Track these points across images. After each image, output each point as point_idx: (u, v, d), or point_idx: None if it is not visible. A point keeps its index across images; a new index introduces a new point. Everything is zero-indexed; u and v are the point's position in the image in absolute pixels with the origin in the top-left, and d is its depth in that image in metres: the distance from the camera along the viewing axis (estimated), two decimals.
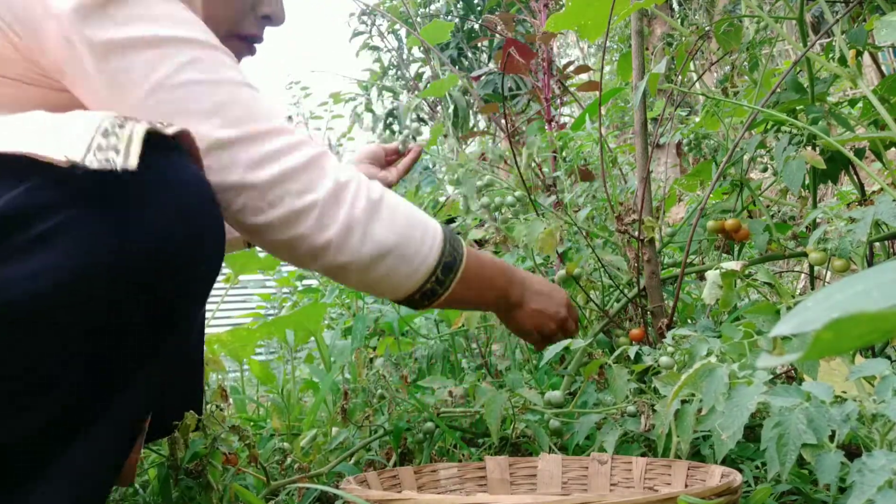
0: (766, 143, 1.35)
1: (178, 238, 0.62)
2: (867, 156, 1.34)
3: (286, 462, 1.14)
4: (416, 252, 0.83)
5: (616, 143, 2.53)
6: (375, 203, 0.79)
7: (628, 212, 1.29)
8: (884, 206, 0.95)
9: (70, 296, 0.57)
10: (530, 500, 0.86)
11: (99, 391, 0.62)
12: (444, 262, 0.85)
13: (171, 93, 0.70)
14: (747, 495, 0.85)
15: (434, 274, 0.85)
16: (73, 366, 0.59)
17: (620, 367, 1.03)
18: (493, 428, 1.03)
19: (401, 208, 0.82)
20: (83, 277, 0.57)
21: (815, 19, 3.22)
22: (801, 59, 1.18)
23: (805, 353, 0.25)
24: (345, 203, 0.77)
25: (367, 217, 0.78)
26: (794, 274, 2.24)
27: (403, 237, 0.81)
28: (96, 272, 0.58)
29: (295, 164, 0.74)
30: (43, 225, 0.56)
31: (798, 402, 0.66)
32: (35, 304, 0.56)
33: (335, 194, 0.76)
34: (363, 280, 0.82)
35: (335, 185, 0.76)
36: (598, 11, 1.39)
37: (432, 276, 0.85)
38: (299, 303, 2.36)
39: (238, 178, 0.73)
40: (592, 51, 5.99)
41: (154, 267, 0.61)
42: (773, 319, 0.95)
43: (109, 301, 0.59)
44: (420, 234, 0.83)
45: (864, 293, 0.24)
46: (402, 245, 0.81)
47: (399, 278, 0.83)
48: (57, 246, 0.56)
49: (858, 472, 0.56)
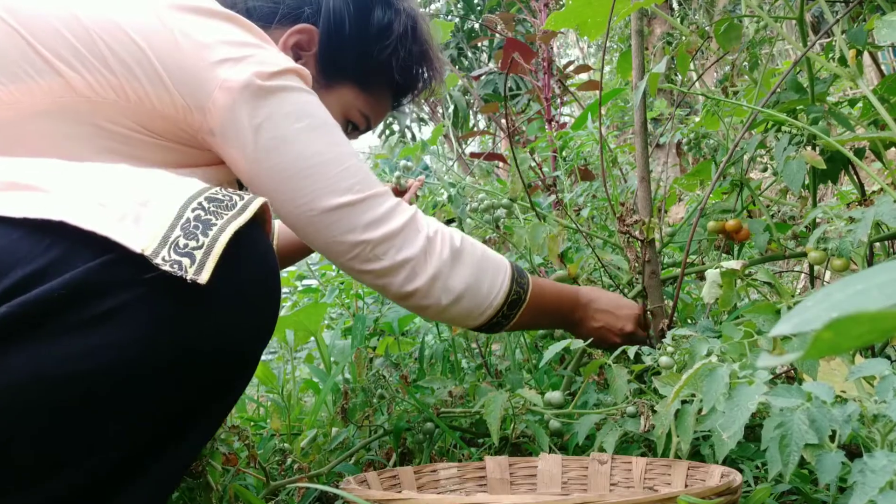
0: (766, 143, 1.35)
1: (237, 340, 0.67)
2: (867, 156, 1.34)
3: (286, 462, 1.14)
4: (487, 294, 0.99)
5: (616, 142, 2.53)
6: (457, 252, 0.95)
7: (630, 212, 1.29)
8: (884, 206, 0.94)
9: (125, 372, 0.60)
10: (530, 500, 0.86)
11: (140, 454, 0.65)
12: (510, 299, 1.02)
13: (308, 161, 0.85)
14: (747, 495, 0.85)
15: (501, 310, 1.02)
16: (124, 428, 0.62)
17: (620, 367, 1.03)
18: (493, 428, 1.03)
19: (476, 255, 0.98)
20: (140, 360, 0.60)
21: (815, 19, 3.22)
22: (801, 59, 1.18)
23: (805, 353, 0.25)
24: (433, 257, 0.93)
25: (449, 268, 0.94)
26: (794, 274, 2.24)
27: (476, 281, 0.97)
28: (153, 357, 0.61)
29: (399, 225, 0.90)
30: (111, 301, 0.59)
31: (799, 402, 0.66)
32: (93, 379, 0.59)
33: (426, 250, 0.92)
34: (439, 316, 0.99)
35: (427, 241, 0.92)
36: (598, 10, 1.39)
37: (499, 311, 1.02)
38: (299, 303, 2.36)
39: (357, 236, 0.88)
40: (592, 50, 5.98)
41: (209, 362, 0.65)
42: (773, 319, 0.95)
43: (164, 381, 0.63)
44: (490, 277, 0.99)
45: (864, 293, 0.24)
46: (473, 289, 0.97)
47: (471, 316, 1.00)
48: (121, 325, 0.59)
49: (860, 473, 0.56)
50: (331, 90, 1.02)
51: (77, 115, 0.77)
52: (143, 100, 0.79)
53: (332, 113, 0.96)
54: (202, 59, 0.80)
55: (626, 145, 2.22)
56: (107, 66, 0.77)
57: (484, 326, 1.03)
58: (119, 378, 0.60)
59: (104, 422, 0.61)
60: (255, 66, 0.82)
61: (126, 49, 0.77)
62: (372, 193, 0.89)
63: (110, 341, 0.59)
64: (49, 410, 0.58)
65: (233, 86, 0.80)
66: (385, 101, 1.09)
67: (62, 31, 0.76)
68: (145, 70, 0.78)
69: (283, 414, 1.42)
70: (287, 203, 0.86)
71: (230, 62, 0.81)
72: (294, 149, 0.84)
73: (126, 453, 0.63)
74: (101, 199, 0.61)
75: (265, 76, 0.82)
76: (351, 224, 0.88)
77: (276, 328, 1.74)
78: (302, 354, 2.09)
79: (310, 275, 2.36)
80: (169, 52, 0.79)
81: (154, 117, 0.80)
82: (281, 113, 0.83)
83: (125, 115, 0.79)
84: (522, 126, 2.15)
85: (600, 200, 1.72)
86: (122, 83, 0.77)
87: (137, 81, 0.78)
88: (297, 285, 2.57)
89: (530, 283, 1.05)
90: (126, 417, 0.62)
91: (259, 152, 0.83)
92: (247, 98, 0.81)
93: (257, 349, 0.70)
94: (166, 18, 0.80)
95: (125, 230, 0.59)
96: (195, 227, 0.61)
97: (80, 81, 0.76)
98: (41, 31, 0.75)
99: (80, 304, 0.58)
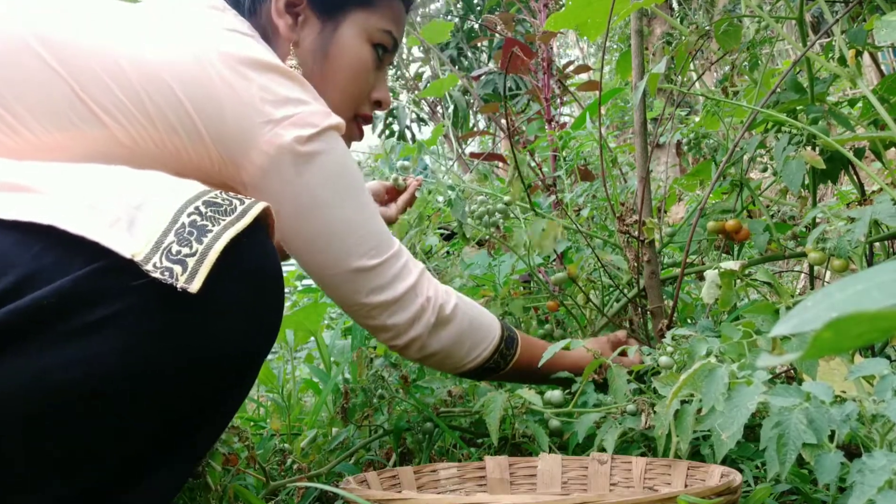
0: (765, 143, 1.35)
1: (236, 347, 0.67)
2: (867, 156, 1.34)
3: (286, 462, 1.14)
4: (464, 357, 1.05)
5: (616, 143, 2.53)
6: (443, 320, 1.00)
7: (630, 212, 1.29)
8: (882, 205, 0.94)
9: (116, 382, 0.60)
10: (530, 500, 0.86)
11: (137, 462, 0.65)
12: (487, 366, 1.08)
13: (337, 226, 0.88)
14: (747, 495, 0.85)
15: (477, 371, 1.08)
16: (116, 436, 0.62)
17: (620, 366, 1.03)
18: (492, 428, 1.03)
19: (464, 323, 1.03)
20: (131, 369, 0.60)
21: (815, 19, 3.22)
22: (800, 59, 1.18)
23: (805, 353, 0.25)
24: (419, 324, 0.98)
25: (429, 334, 0.99)
26: (793, 274, 2.24)
27: (455, 346, 1.03)
28: (145, 367, 0.61)
29: (399, 293, 0.94)
30: (102, 311, 0.58)
31: (798, 402, 0.66)
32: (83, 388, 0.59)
33: (415, 318, 0.97)
34: (419, 363, 1.08)
35: (419, 309, 0.97)
36: (598, 10, 1.40)
37: (477, 369, 1.08)
38: (299, 303, 2.36)
39: (361, 299, 0.93)
40: (592, 50, 5.99)
41: (206, 369, 0.65)
42: (772, 319, 0.95)
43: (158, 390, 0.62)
44: (472, 343, 1.05)
45: (864, 293, 0.24)
46: (449, 351, 1.03)
47: (447, 369, 1.08)
48: (112, 335, 0.59)
49: (859, 473, 0.56)
50: (341, 25, 0.99)
51: (117, 162, 0.76)
52: (181, 152, 0.80)
53: (356, 46, 0.99)
54: (243, 118, 0.81)
55: (626, 145, 2.22)
56: (149, 120, 0.77)
57: (462, 375, 1.11)
58: (109, 387, 0.59)
59: (94, 431, 0.61)
60: (295, 129, 0.83)
61: (168, 103, 0.78)
62: (386, 258, 0.93)
63: (100, 351, 0.58)
64: (38, 419, 0.58)
65: (271, 151, 0.82)
66: (397, 6, 1.05)
67: (108, 83, 0.76)
68: (185, 126, 0.79)
69: (283, 414, 1.42)
70: (311, 262, 0.91)
71: (271, 124, 0.82)
72: (326, 214, 0.87)
73: (119, 462, 0.63)
74: (95, 202, 0.60)
75: (304, 140, 0.83)
76: (359, 287, 0.92)
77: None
78: (302, 354, 2.09)
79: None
80: (211, 111, 0.79)
81: (190, 168, 0.81)
82: (316, 180, 0.86)
83: (162, 163, 0.79)
84: (522, 126, 2.15)
85: (600, 200, 1.72)
86: (163, 136, 0.78)
87: (177, 135, 0.79)
88: (297, 285, 2.57)
89: (517, 353, 1.10)
90: (118, 425, 0.61)
91: (291, 216, 0.86)
92: (286, 163, 0.83)
93: (259, 355, 0.70)
94: (211, 71, 0.80)
95: (117, 235, 0.58)
96: (189, 234, 0.61)
97: (123, 133, 0.77)
98: (89, 83, 0.75)
99: (70, 313, 0.58)
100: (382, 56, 1.03)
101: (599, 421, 1.04)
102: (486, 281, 1.70)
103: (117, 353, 0.59)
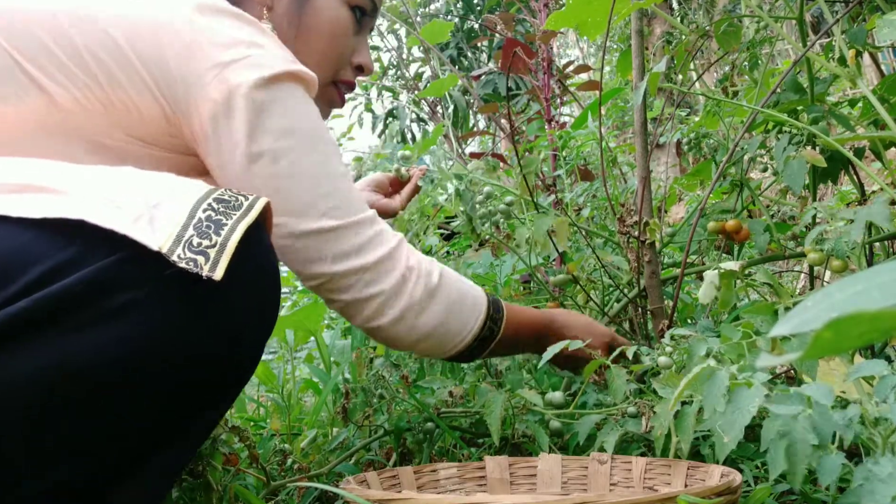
0: (766, 143, 1.35)
1: (245, 335, 0.68)
2: (867, 156, 1.34)
3: (286, 462, 1.14)
4: (458, 332, 0.94)
5: (616, 142, 2.53)
6: (431, 292, 0.89)
7: (630, 213, 1.29)
8: (876, 206, 0.94)
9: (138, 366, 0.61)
10: (530, 500, 0.86)
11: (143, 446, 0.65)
12: (482, 335, 0.97)
13: (290, 180, 0.79)
14: (747, 495, 0.85)
15: (471, 346, 0.97)
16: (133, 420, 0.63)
17: (619, 367, 1.03)
18: (493, 428, 1.03)
19: (452, 293, 0.92)
20: (152, 354, 0.62)
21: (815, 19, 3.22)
22: (800, 59, 1.18)
23: (805, 353, 0.25)
24: (405, 295, 0.87)
25: (419, 309, 0.88)
26: (793, 274, 2.24)
27: (446, 321, 0.92)
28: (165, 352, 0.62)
29: (373, 259, 0.84)
30: (126, 296, 0.60)
31: (800, 409, 0.65)
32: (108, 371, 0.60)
33: (398, 287, 0.86)
34: (406, 349, 0.95)
35: (401, 277, 0.86)
36: (598, 10, 1.40)
37: (469, 346, 0.97)
38: (299, 302, 2.36)
39: (324, 268, 0.83)
40: (592, 50, 5.99)
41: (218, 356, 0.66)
42: (772, 319, 0.95)
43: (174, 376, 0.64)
44: (464, 316, 0.94)
45: (864, 293, 0.24)
46: (442, 329, 0.92)
47: (438, 352, 0.96)
48: (135, 320, 0.61)
49: (866, 480, 0.55)
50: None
51: (67, 132, 0.75)
52: (132, 110, 0.76)
53: (333, 8, 0.93)
54: (187, 61, 0.75)
55: (626, 145, 2.22)
56: (93, 78, 0.74)
57: (453, 359, 0.99)
58: (132, 371, 0.61)
59: (115, 414, 0.62)
60: (248, 71, 0.76)
61: (112, 56, 0.74)
62: (353, 220, 0.83)
63: (124, 336, 0.60)
64: (64, 402, 0.60)
65: (219, 97, 0.76)
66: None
67: (49, 45, 0.73)
68: (131, 78, 0.74)
69: (283, 414, 1.42)
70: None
71: (218, 67, 0.75)
72: (283, 166, 0.79)
73: (132, 445, 0.64)
74: (116, 201, 0.62)
75: (258, 84, 0.76)
76: (321, 252, 0.82)
77: (276, 328, 1.74)
78: (302, 354, 2.09)
79: None
80: (154, 58, 0.75)
81: (143, 125, 0.77)
82: (270, 128, 0.77)
83: (115, 125, 0.76)
84: (522, 126, 2.15)
85: (600, 200, 1.72)
86: (109, 94, 0.74)
87: (123, 90, 0.75)
88: (297, 285, 2.57)
89: (504, 316, 1.00)
90: (135, 410, 0.63)
91: (242, 167, 0.78)
92: (238, 110, 0.76)
93: (262, 344, 0.71)
94: (158, 18, 0.75)
95: (142, 230, 0.60)
96: (207, 227, 0.62)
97: (66, 97, 0.74)
98: (28, 47, 0.73)
99: (96, 300, 0.60)
100: (361, 19, 0.98)
101: (600, 423, 1.04)
102: (487, 281, 1.70)
103: (140, 337, 0.61)
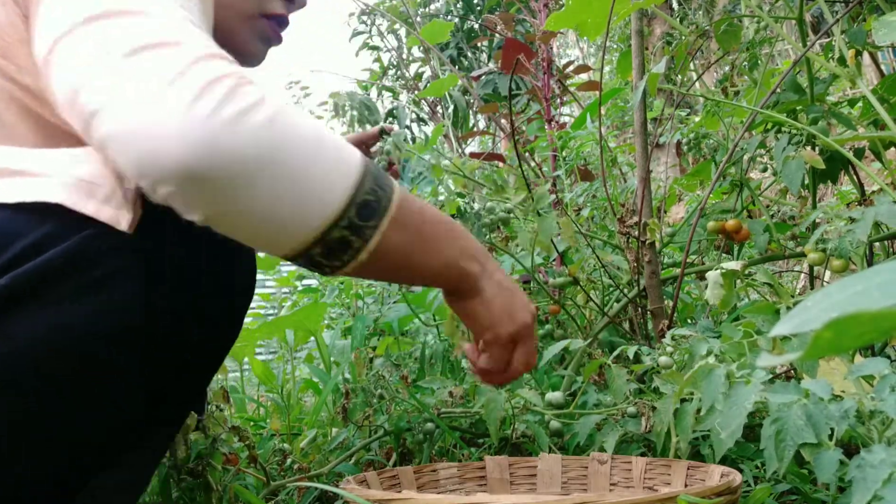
0: (766, 143, 1.35)
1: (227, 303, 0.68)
2: (867, 156, 1.34)
3: (286, 462, 1.14)
4: (316, 186, 0.57)
5: (616, 143, 2.53)
6: (253, 106, 0.54)
7: (630, 213, 1.29)
8: (883, 206, 0.95)
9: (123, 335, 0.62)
10: (530, 500, 0.86)
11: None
12: (361, 199, 0.59)
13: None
14: (747, 495, 0.85)
15: (345, 216, 0.58)
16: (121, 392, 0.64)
17: (620, 367, 1.03)
18: (492, 428, 1.03)
19: (299, 126, 0.56)
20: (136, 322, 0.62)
21: (814, 19, 3.22)
22: (800, 59, 1.18)
23: (805, 353, 0.25)
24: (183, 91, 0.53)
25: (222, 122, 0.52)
26: (793, 274, 2.24)
27: (285, 152, 0.55)
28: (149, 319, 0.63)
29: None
30: (105, 268, 0.61)
31: (796, 398, 0.66)
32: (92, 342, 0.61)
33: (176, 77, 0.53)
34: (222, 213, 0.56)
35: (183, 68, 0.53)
36: (598, 10, 1.39)
37: (342, 217, 0.58)
38: (299, 303, 2.36)
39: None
40: (592, 50, 5.98)
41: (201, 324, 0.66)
42: (772, 319, 0.95)
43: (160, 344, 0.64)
44: (324, 165, 0.57)
45: (864, 293, 0.24)
46: (282, 161, 0.55)
47: (284, 214, 0.56)
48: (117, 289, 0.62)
49: (858, 469, 0.56)
50: None
51: None
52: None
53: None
54: None
55: (626, 145, 2.22)
56: None
57: (315, 247, 0.59)
58: (118, 341, 0.62)
59: (102, 386, 0.63)
60: None
61: None
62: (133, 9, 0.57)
63: (106, 307, 0.61)
64: (50, 376, 0.60)
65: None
66: None
67: None
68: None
69: (282, 414, 1.42)
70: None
71: None
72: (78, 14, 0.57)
73: (125, 415, 0.65)
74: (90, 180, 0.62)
75: None
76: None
77: (276, 328, 1.75)
78: (302, 354, 2.09)
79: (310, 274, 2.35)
80: None
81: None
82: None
83: None
84: (522, 126, 2.15)
85: (600, 200, 1.72)
86: None
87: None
88: (297, 285, 2.57)
89: (396, 188, 0.63)
90: (122, 381, 0.63)
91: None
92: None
93: (243, 310, 0.72)
94: None
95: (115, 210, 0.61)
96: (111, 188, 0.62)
97: None
98: None
99: (78, 272, 0.60)
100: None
101: (600, 423, 1.04)
102: None
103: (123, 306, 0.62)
